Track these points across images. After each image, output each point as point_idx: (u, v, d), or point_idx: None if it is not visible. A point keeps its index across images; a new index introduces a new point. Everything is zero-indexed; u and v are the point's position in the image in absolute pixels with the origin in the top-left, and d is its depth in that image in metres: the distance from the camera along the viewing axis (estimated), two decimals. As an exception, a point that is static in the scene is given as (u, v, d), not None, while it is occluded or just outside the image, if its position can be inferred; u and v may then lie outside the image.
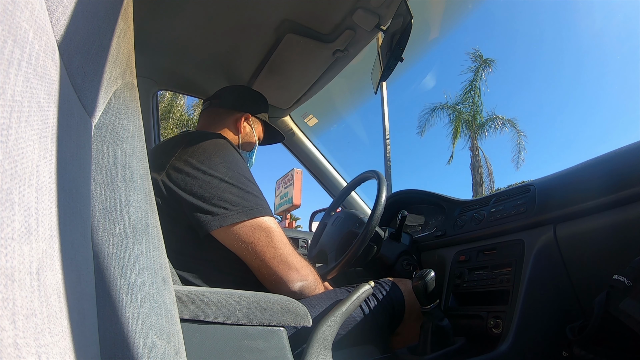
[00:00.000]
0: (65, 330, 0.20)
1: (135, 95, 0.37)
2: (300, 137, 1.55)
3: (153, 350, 0.29)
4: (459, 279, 0.91)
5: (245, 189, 0.73)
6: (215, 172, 0.72)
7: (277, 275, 0.72)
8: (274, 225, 0.74)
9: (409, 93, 28.40)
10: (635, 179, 0.65)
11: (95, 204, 0.29)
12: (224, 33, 1.04)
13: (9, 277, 0.16)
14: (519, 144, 12.95)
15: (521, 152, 12.95)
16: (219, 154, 0.75)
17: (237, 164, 0.76)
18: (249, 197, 0.73)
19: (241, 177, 0.74)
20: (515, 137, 12.98)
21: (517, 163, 13.05)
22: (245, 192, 0.73)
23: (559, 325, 0.71)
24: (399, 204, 1.31)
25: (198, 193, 0.71)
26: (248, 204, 0.72)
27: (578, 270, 0.74)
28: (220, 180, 0.72)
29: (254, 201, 0.73)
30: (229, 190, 0.71)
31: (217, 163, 0.74)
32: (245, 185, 0.74)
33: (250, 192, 0.74)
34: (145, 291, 0.29)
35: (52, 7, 0.23)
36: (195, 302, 0.49)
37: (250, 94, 1.02)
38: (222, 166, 0.73)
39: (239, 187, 0.73)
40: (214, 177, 0.72)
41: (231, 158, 0.76)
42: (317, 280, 0.80)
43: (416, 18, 0.82)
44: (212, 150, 0.75)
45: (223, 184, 0.71)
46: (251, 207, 0.72)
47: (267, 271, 0.72)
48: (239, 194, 0.72)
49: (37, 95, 0.20)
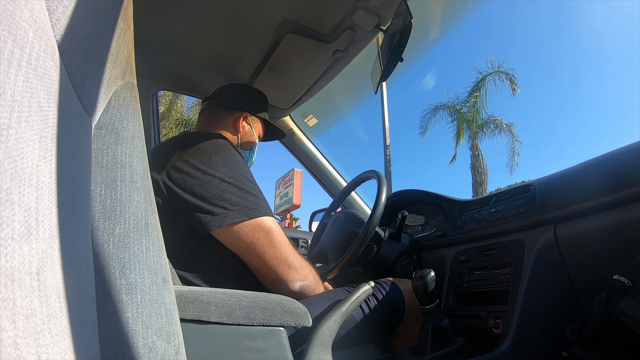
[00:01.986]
0: (65, 330, 0.20)
1: (135, 95, 0.37)
2: (300, 137, 1.55)
3: (153, 350, 0.29)
4: (459, 279, 0.91)
5: (246, 189, 0.73)
6: (215, 172, 0.72)
7: (277, 275, 0.72)
8: (274, 225, 0.74)
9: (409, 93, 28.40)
10: (635, 179, 0.65)
11: (95, 204, 0.29)
12: (224, 33, 1.04)
13: (9, 277, 0.16)
14: (514, 149, 12.96)
15: (515, 157, 12.96)
16: (219, 153, 0.75)
17: (237, 164, 0.76)
18: (249, 197, 0.73)
19: (241, 177, 0.74)
20: (510, 142, 13.01)
21: (511, 168, 13.04)
22: (246, 192, 0.73)
23: (559, 325, 0.71)
24: (399, 204, 1.31)
25: (198, 193, 0.71)
26: (248, 203, 0.72)
27: (578, 270, 0.74)
28: (220, 180, 0.72)
29: (254, 201, 0.73)
30: (229, 190, 0.72)
31: (218, 163, 0.74)
32: (246, 185, 0.74)
33: (251, 192, 0.74)
34: (145, 291, 0.29)
35: (52, 7, 0.23)
36: (195, 302, 0.49)
37: (249, 93, 1.02)
38: (222, 166, 0.73)
39: (239, 187, 0.73)
40: (214, 177, 0.72)
41: (231, 158, 0.76)
42: (317, 280, 0.80)
43: (416, 18, 0.82)
44: (212, 150, 0.75)
45: (223, 184, 0.71)
46: (251, 207, 0.72)
47: (267, 271, 0.72)
48: (239, 193, 0.72)
49: (37, 95, 0.20)
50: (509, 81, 12.46)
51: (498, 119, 12.91)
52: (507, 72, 12.53)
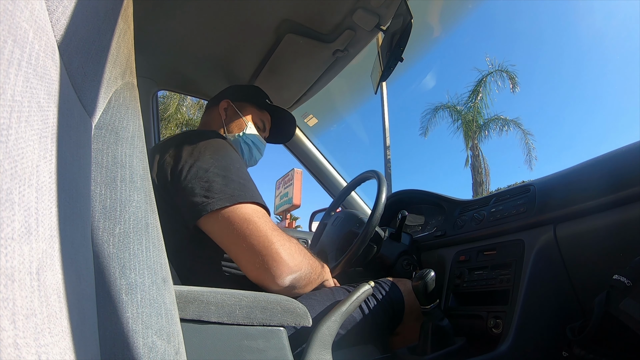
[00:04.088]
0: (65, 330, 0.20)
1: (135, 95, 0.37)
2: (300, 137, 1.55)
3: (153, 350, 0.29)
4: (459, 279, 0.91)
5: (230, 177, 0.70)
6: (202, 164, 0.71)
7: (261, 268, 0.64)
8: (257, 212, 0.68)
9: (409, 93, 28.41)
10: (635, 179, 0.65)
11: (95, 204, 0.29)
12: (224, 33, 1.04)
13: (9, 277, 0.16)
14: (528, 144, 12.72)
15: (531, 151, 12.67)
16: (208, 146, 0.75)
17: (225, 154, 0.74)
18: (233, 184, 0.69)
19: (228, 166, 0.71)
20: (520, 138, 12.87)
21: (530, 164, 12.70)
22: (230, 180, 0.69)
23: (559, 325, 0.71)
24: (399, 204, 1.31)
25: (185, 186, 0.69)
26: (231, 190, 0.67)
27: (578, 270, 0.74)
28: (205, 170, 0.70)
29: (238, 187, 0.68)
30: (213, 179, 0.69)
31: (205, 155, 0.73)
32: (231, 172, 0.70)
33: (235, 180, 0.70)
34: (145, 291, 0.29)
35: (52, 7, 0.23)
36: (195, 302, 0.49)
37: (236, 86, 1.05)
38: (209, 157, 0.72)
39: (223, 175, 0.69)
40: (200, 169, 0.70)
41: (220, 150, 0.75)
42: (314, 268, 0.74)
43: (416, 18, 0.82)
44: (202, 144, 0.75)
45: (207, 174, 0.69)
46: (233, 193, 0.67)
47: (250, 265, 0.65)
48: (222, 182, 0.69)
49: (37, 95, 0.20)
50: (509, 79, 12.43)
51: (501, 117, 12.85)
52: (507, 69, 12.51)
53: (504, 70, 12.46)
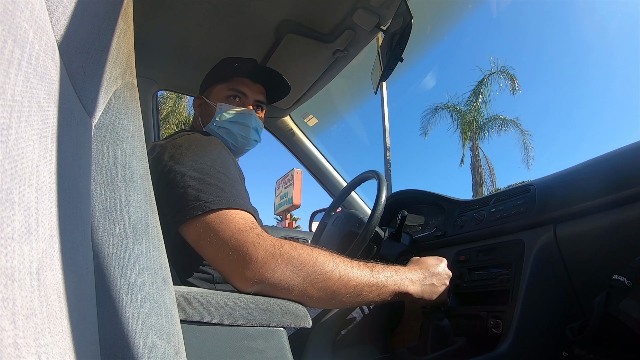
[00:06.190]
0: (65, 330, 0.20)
1: (135, 95, 0.37)
2: (300, 137, 1.55)
3: (153, 350, 0.29)
4: (459, 279, 0.91)
5: (208, 181, 0.64)
6: (180, 167, 0.66)
7: (230, 275, 0.59)
8: (236, 217, 0.61)
9: (409, 93, 28.42)
10: (635, 179, 0.65)
11: (95, 204, 0.29)
12: (224, 33, 1.04)
13: (9, 277, 0.16)
14: (526, 144, 12.79)
15: (529, 151, 12.75)
16: (190, 147, 0.71)
17: (204, 155, 0.69)
18: (209, 189, 0.63)
19: (207, 169, 0.66)
20: (519, 138, 12.90)
21: (527, 163, 12.82)
22: (206, 184, 0.64)
23: (559, 325, 0.71)
24: (399, 204, 1.31)
25: (161, 194, 0.64)
26: (205, 196, 0.62)
27: (578, 270, 0.74)
28: (182, 175, 0.65)
29: (215, 193, 0.63)
30: (190, 184, 0.64)
31: (185, 157, 0.68)
32: (210, 176, 0.65)
33: (213, 184, 0.64)
34: (145, 291, 0.29)
35: (52, 7, 0.23)
36: (195, 304, 0.49)
37: (205, 76, 0.95)
38: (188, 159, 0.68)
39: (200, 179, 0.64)
40: (177, 173, 0.66)
41: (200, 150, 0.70)
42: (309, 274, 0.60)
43: (416, 18, 0.82)
44: (185, 146, 0.71)
45: (184, 179, 0.65)
46: (207, 199, 0.61)
47: (224, 274, 0.60)
48: (198, 186, 0.63)
49: (37, 95, 0.20)
50: (510, 80, 12.44)
51: (500, 117, 12.87)
52: (507, 70, 12.53)
53: (504, 72, 12.50)
